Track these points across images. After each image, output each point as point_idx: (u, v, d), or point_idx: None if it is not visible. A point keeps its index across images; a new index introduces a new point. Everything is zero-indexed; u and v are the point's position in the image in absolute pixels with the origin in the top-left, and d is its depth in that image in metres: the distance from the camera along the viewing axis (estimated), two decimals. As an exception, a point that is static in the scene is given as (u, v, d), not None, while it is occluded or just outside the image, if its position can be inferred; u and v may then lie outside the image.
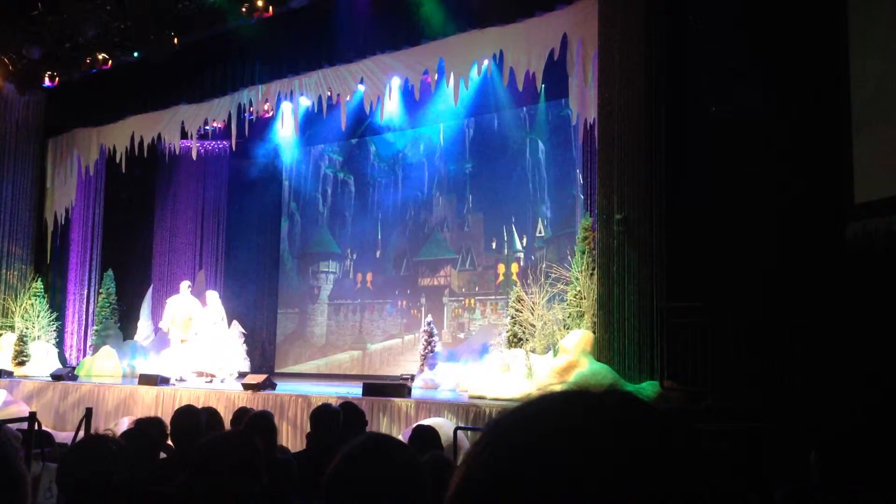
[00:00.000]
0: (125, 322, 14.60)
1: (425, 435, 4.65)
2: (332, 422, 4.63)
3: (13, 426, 6.13)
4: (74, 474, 2.96)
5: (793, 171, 7.09)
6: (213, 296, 11.93)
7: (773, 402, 6.41)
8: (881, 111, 6.53)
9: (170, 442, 4.47)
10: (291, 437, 8.60)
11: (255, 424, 4.64)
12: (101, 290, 14.43)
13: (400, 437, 7.36)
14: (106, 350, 13.49)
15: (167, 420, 4.53)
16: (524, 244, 13.18)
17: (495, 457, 0.63)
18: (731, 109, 7.51)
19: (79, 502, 2.88)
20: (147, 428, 4.15)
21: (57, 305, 14.43)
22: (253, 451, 2.41)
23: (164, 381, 10.82)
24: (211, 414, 5.13)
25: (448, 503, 0.64)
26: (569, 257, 9.61)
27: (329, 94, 11.98)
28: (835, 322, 6.56)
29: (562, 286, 9.28)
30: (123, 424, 8.76)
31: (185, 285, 12.26)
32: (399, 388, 8.89)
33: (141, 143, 13.63)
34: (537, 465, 0.59)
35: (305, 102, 12.86)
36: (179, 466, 3.91)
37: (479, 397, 8.64)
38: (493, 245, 13.55)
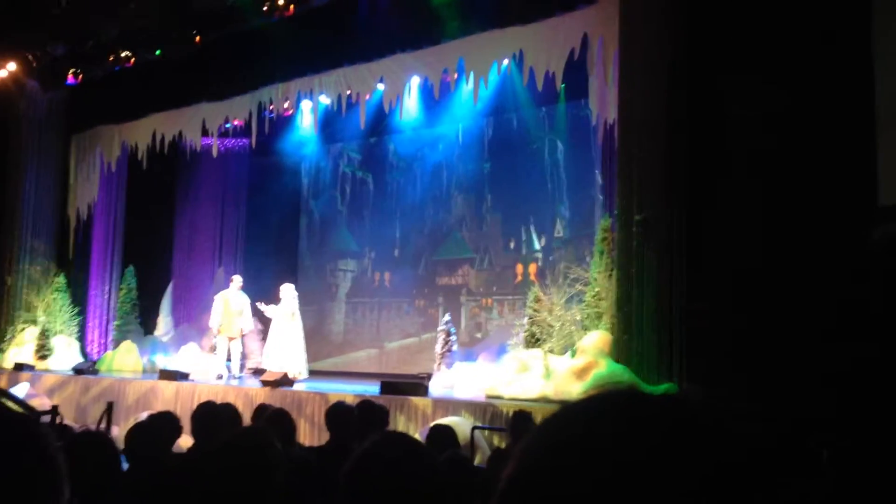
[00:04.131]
0: (145, 317, 14.71)
1: (443, 434, 4.66)
2: (347, 419, 4.65)
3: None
4: (81, 465, 3.00)
5: (816, 173, 7.03)
6: (287, 289, 11.88)
7: (794, 405, 6.37)
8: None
9: (188, 436, 4.51)
10: (309, 435, 8.63)
11: (274, 421, 4.67)
12: (122, 286, 14.56)
13: (417, 436, 7.38)
14: (126, 345, 13.61)
15: (187, 416, 4.57)
16: (542, 244, 13.15)
17: (549, 449, 0.65)
18: (754, 109, 7.45)
19: (84, 494, 2.91)
20: (158, 422, 4.19)
21: (79, 300, 14.58)
22: (270, 447, 2.43)
23: (183, 376, 10.90)
24: (230, 410, 5.16)
25: (501, 492, 0.66)
26: (587, 258, 9.58)
27: (349, 92, 12.01)
28: (858, 324, 6.50)
29: (580, 287, 9.26)
30: (143, 419, 8.83)
31: (237, 281, 12.23)
32: (416, 386, 8.91)
33: (162, 140, 13.74)
34: (589, 460, 0.62)
35: (325, 101, 12.91)
36: (199, 461, 3.95)
37: (497, 397, 8.64)
38: (512, 245, 13.53)
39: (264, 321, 12.01)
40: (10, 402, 0.93)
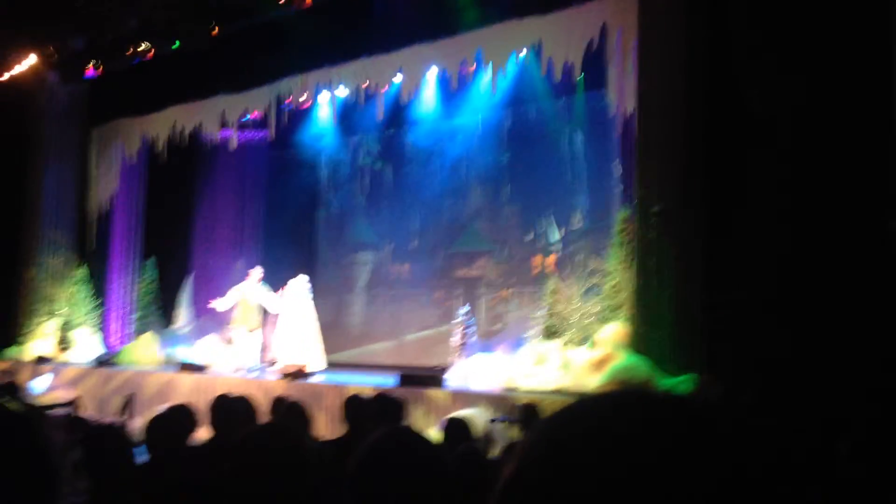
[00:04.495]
0: (165, 309, 14.81)
1: (458, 426, 4.66)
2: (364, 411, 4.65)
3: (57, 410, 6.27)
4: (99, 457, 3.02)
5: (837, 164, 6.94)
6: (298, 282, 11.89)
7: (813, 401, 6.31)
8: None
9: (206, 428, 4.51)
10: (327, 427, 8.66)
11: (291, 414, 4.69)
12: (142, 278, 14.66)
13: (434, 429, 7.38)
14: (146, 337, 13.71)
15: (205, 408, 4.58)
16: (561, 236, 13.09)
17: (554, 448, 0.64)
18: (773, 100, 7.36)
19: (104, 484, 2.93)
20: (177, 414, 4.20)
21: (99, 292, 14.70)
22: (301, 445, 2.40)
23: (202, 369, 10.97)
24: (248, 402, 5.18)
25: (502, 488, 0.65)
26: (606, 249, 9.53)
27: (367, 84, 12.00)
28: (876, 317, 6.43)
29: (598, 278, 9.22)
30: (162, 411, 8.89)
31: (256, 272, 12.22)
32: (434, 378, 8.91)
33: (182, 132, 13.80)
34: (596, 459, 0.61)
35: (343, 92, 12.90)
36: (217, 454, 3.96)
37: (514, 389, 8.63)
38: (530, 236, 13.48)
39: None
40: (12, 399, 0.92)
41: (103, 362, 12.15)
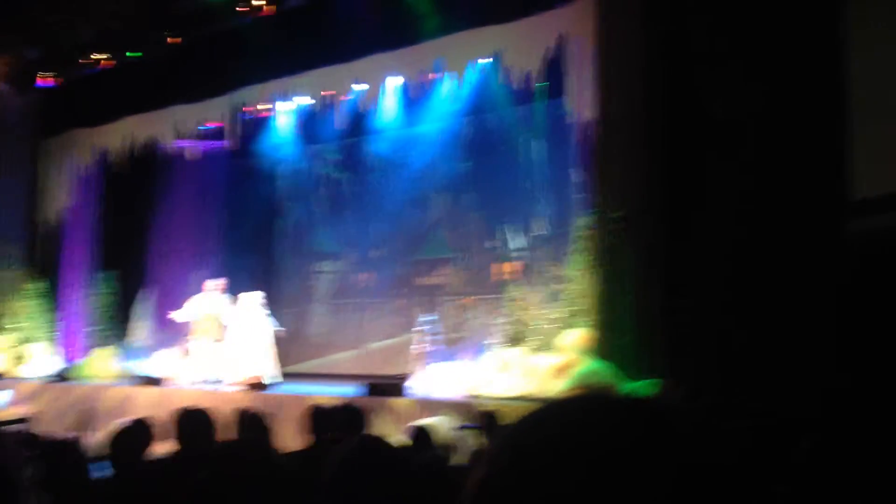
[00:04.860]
0: (122, 322, 14.57)
1: (422, 435, 4.64)
2: (327, 422, 4.62)
3: (12, 427, 6.12)
4: (57, 473, 2.96)
5: (794, 169, 7.07)
6: (249, 297, 11.79)
7: (774, 403, 6.40)
8: (885, 105, 6.51)
9: (164, 442, 4.45)
10: (289, 438, 8.56)
11: (252, 425, 4.64)
12: (98, 291, 14.40)
13: (398, 437, 7.35)
14: (103, 351, 13.47)
15: (165, 422, 4.51)
16: (522, 243, 13.15)
17: (521, 453, 0.64)
18: (733, 107, 7.48)
19: (62, 500, 2.88)
20: (135, 428, 4.14)
21: (55, 306, 14.41)
22: (272, 458, 2.38)
23: (160, 381, 10.81)
24: (209, 415, 5.11)
25: (472, 495, 0.65)
26: (567, 256, 9.60)
27: (326, 93, 11.96)
28: (833, 320, 6.55)
29: (559, 285, 9.28)
30: (120, 425, 8.72)
31: (212, 284, 12.06)
32: (397, 387, 8.89)
33: (137, 143, 13.60)
34: (561, 464, 0.61)
35: (303, 102, 12.83)
36: (183, 467, 3.90)
37: (478, 396, 8.63)
38: (491, 244, 13.52)
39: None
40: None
41: (60, 377, 11.90)
